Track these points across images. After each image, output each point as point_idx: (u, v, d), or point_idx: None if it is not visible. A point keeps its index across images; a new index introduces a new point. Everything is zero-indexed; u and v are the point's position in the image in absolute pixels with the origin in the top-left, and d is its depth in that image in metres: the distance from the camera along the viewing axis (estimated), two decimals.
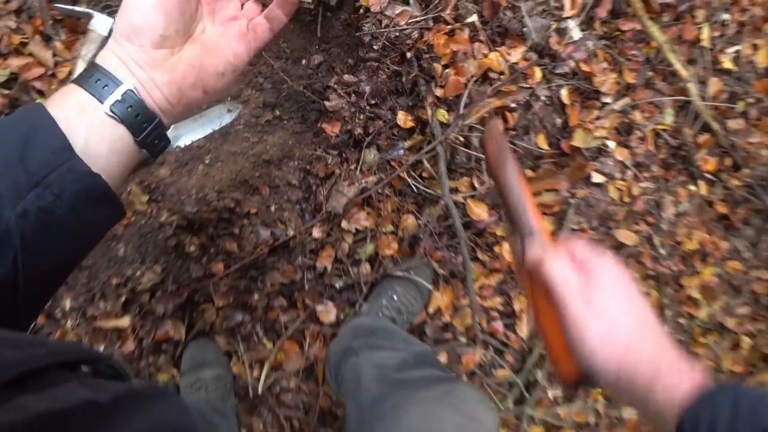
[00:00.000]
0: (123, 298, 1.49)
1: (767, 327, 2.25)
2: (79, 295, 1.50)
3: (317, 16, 1.57)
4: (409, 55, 1.54)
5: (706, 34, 1.84)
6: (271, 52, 1.60)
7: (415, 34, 1.54)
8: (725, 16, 1.88)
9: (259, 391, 1.65)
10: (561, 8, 1.65)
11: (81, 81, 0.58)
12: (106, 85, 0.57)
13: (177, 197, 1.40)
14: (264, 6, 0.68)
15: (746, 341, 2.20)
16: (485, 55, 1.57)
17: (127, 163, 0.60)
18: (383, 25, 1.52)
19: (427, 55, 1.54)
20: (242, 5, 0.69)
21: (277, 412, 1.74)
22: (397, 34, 1.51)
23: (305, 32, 1.61)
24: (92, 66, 0.59)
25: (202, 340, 1.66)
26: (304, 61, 1.62)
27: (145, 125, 0.59)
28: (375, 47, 1.54)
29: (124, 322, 1.52)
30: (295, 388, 1.73)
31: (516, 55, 1.59)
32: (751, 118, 1.97)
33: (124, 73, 0.59)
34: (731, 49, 1.91)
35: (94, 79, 0.58)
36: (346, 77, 1.57)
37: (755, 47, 1.93)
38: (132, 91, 0.58)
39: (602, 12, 1.69)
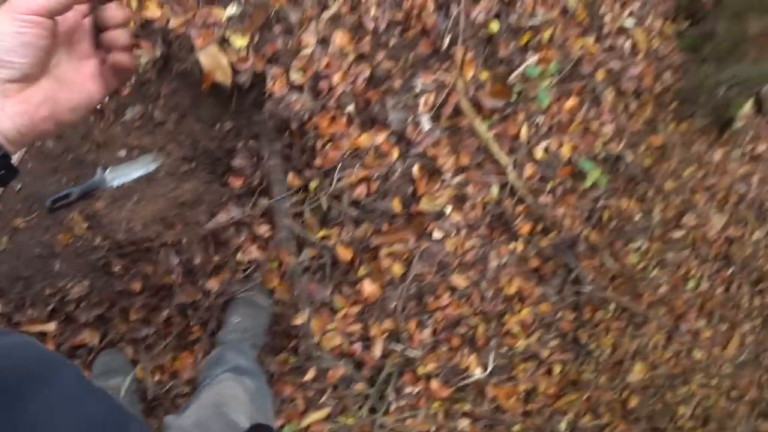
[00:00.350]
0: (51, 306, 1.78)
1: (573, 357, 2.72)
2: (11, 302, 1.79)
3: (232, 92, 1.97)
4: (299, 131, 2.01)
5: (524, 131, 2.35)
6: (192, 116, 2.01)
7: (306, 116, 1.98)
8: (539, 119, 2.41)
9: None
10: (417, 106, 2.14)
11: None
12: None
13: (109, 226, 1.76)
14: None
15: (557, 369, 2.64)
16: (357, 136, 2.03)
17: None
18: (281, 107, 1.99)
19: (313, 133, 1.98)
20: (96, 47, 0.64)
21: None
22: (292, 115, 1.98)
23: (222, 103, 2.00)
24: None
25: (112, 349, 1.89)
26: (218, 125, 2.02)
27: None
28: (273, 122, 2.00)
29: (50, 327, 1.80)
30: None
31: (381, 137, 2.05)
32: (557, 195, 2.48)
33: None
34: (543, 143, 2.41)
35: None
36: (250, 143, 2.01)
37: (561, 143, 2.46)
38: None
39: (447, 110, 2.18)
